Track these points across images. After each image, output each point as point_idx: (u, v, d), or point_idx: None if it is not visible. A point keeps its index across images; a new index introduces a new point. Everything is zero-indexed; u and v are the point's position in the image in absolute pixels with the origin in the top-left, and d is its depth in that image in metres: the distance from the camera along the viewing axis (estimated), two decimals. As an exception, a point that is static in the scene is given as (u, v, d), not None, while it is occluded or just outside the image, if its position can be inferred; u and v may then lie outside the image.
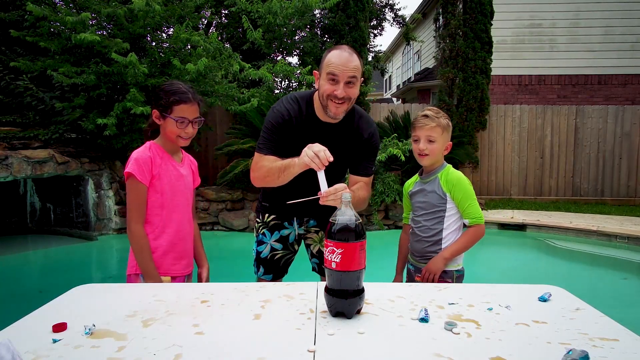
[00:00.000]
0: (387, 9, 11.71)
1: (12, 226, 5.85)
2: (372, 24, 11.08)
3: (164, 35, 6.46)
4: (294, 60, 8.61)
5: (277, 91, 6.96)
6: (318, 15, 8.48)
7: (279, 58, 7.11)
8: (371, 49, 11.85)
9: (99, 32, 5.34)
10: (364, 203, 1.85)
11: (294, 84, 6.97)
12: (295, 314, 1.20)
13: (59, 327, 1.07)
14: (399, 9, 13.26)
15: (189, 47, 5.96)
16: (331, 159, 1.45)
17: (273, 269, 2.02)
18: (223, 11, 8.61)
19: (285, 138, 1.77)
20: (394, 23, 12.00)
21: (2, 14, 5.75)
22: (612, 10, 10.76)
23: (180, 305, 1.25)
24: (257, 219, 2.08)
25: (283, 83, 7.12)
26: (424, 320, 1.14)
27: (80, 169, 5.36)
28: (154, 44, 6.08)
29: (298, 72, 6.51)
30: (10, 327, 1.12)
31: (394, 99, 19.95)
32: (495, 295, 1.36)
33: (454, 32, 7.58)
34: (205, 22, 8.64)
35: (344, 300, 1.15)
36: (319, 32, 8.33)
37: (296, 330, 1.09)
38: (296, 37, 7.73)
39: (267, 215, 2.03)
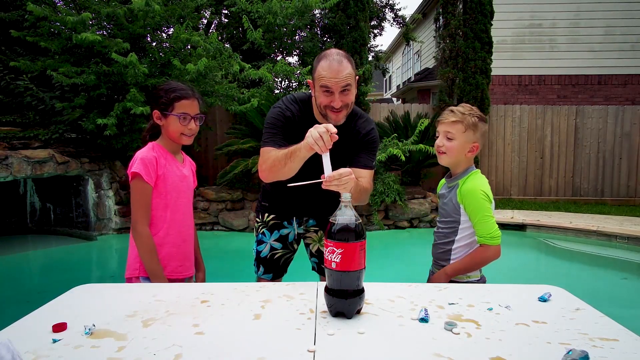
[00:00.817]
0: (387, 9, 11.71)
1: (12, 226, 5.85)
2: (372, 24, 11.07)
3: (164, 35, 6.46)
4: (294, 60, 8.60)
5: (277, 91, 6.96)
6: (318, 15, 8.46)
7: (279, 58, 7.10)
8: (371, 49, 11.85)
9: (99, 32, 5.33)
10: (367, 195, 1.79)
11: (294, 84, 6.97)
12: (295, 314, 1.20)
13: (59, 327, 1.07)
14: (399, 9, 13.26)
15: (189, 47, 5.96)
16: (335, 131, 1.41)
17: (273, 268, 2.03)
18: (223, 11, 8.61)
19: (287, 135, 1.77)
20: (394, 23, 12.01)
21: (2, 14, 5.75)
22: (612, 10, 10.76)
23: (180, 305, 1.25)
24: (257, 219, 2.08)
25: (283, 83, 7.11)
26: (424, 320, 1.14)
27: (80, 169, 5.36)
28: (154, 44, 6.08)
29: (298, 72, 6.50)
30: (10, 327, 1.12)
31: (394, 99, 19.96)
32: (495, 295, 1.36)
33: (454, 32, 7.57)
34: (205, 22, 8.63)
35: (344, 300, 1.15)
36: (319, 32, 8.31)
37: (296, 330, 1.09)
38: (296, 37, 7.72)
39: (266, 214, 2.04)
